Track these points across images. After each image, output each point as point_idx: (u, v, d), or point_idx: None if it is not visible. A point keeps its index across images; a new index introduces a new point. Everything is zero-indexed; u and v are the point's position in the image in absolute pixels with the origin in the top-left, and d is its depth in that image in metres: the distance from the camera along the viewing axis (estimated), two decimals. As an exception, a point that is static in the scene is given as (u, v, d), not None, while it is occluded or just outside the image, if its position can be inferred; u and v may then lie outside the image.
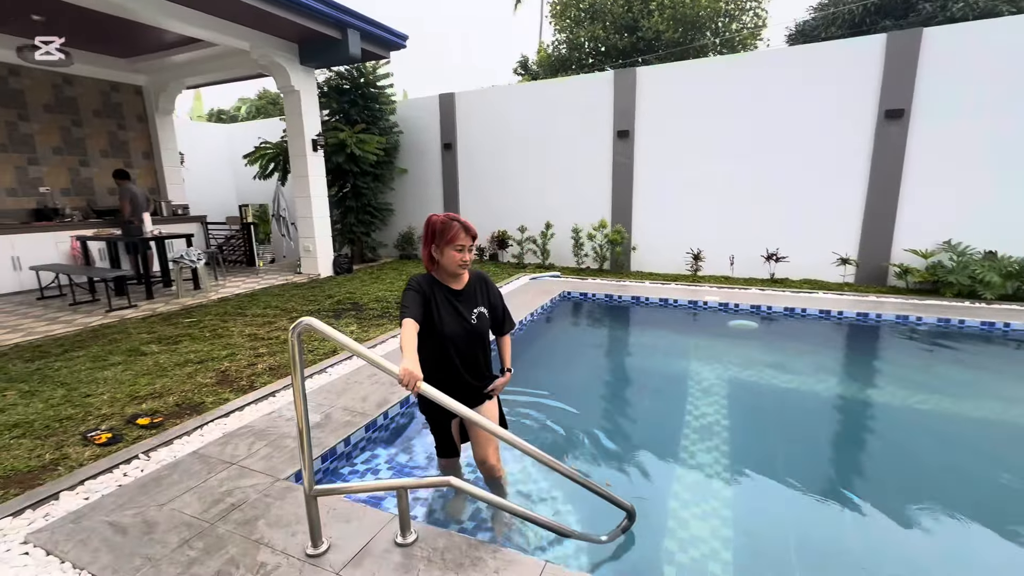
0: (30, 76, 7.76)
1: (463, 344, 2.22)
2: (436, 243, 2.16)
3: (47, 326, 5.36)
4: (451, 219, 2.15)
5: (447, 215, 2.18)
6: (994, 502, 2.62)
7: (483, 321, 2.26)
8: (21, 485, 2.48)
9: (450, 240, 2.12)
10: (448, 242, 2.12)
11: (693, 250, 7.92)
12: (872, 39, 6.69)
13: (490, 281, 2.37)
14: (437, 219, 2.18)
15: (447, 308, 2.19)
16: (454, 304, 2.20)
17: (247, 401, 3.38)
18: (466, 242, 2.14)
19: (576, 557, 2.14)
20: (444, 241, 2.13)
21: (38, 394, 3.60)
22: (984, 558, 2.27)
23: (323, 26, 6.99)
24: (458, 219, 2.16)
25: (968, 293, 6.18)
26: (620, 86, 8.18)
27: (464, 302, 2.22)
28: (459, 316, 2.20)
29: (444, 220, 2.16)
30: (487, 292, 2.32)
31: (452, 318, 2.18)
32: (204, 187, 11.47)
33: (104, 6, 5.60)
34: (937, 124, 6.47)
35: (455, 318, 2.19)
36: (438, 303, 2.18)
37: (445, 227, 2.14)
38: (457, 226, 2.13)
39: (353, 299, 6.64)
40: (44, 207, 7.89)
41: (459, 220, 2.16)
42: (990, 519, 2.44)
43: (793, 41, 14.28)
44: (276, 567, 1.87)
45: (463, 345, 2.22)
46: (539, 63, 16.61)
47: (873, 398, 3.98)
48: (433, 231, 2.17)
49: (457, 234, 2.12)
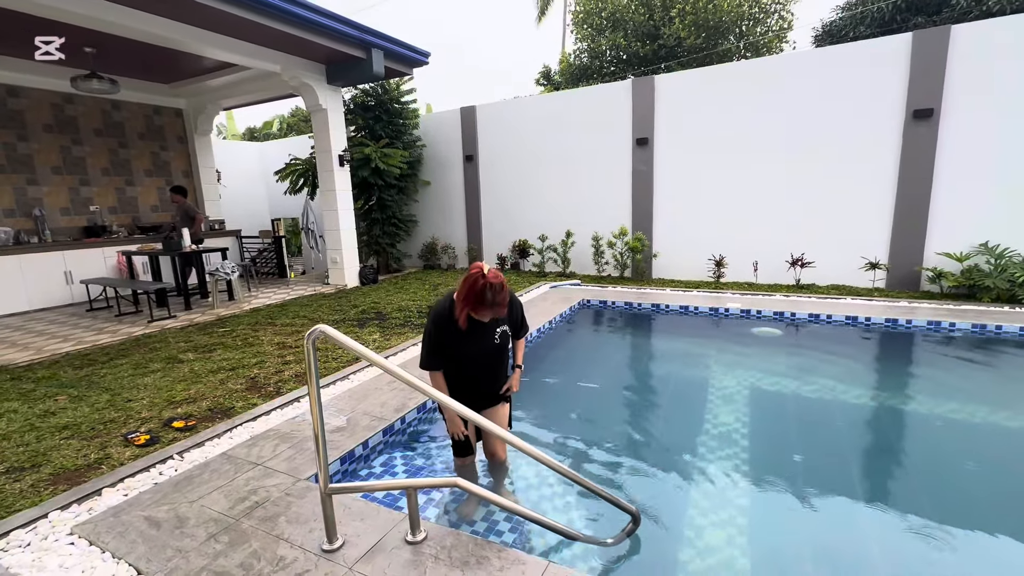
0: (83, 103, 8.35)
1: (486, 360, 2.43)
2: (466, 302, 2.21)
3: (95, 336, 5.73)
4: (484, 296, 2.15)
5: (488, 284, 2.15)
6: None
7: (505, 338, 2.45)
8: (69, 482, 2.69)
9: (475, 311, 2.23)
10: (472, 311, 2.23)
11: (715, 256, 7.83)
12: (898, 38, 6.54)
13: (515, 300, 2.48)
14: (476, 285, 2.16)
15: (471, 332, 2.33)
16: (479, 329, 2.34)
17: (273, 406, 3.56)
18: (483, 317, 2.25)
19: (580, 559, 2.19)
20: (469, 308, 2.22)
21: (85, 399, 3.87)
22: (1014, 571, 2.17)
23: (348, 47, 7.30)
24: (492, 300, 2.16)
25: (1008, 298, 5.92)
26: (639, 94, 8.21)
27: (489, 325, 2.37)
28: (484, 338, 2.38)
29: (479, 293, 2.16)
30: (512, 310, 2.45)
31: (476, 340, 2.36)
32: (239, 202, 12.00)
33: (152, 38, 6.04)
34: (969, 123, 6.25)
35: (480, 339, 2.37)
36: (461, 331, 2.31)
37: (478, 301, 2.17)
38: (483, 308, 2.19)
39: (377, 308, 6.84)
40: (94, 224, 8.44)
41: (491, 303, 2.17)
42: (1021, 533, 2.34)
43: (820, 42, 13.98)
44: (294, 560, 1.98)
45: (486, 361, 2.44)
46: (561, 72, 16.75)
47: (900, 407, 3.87)
48: (469, 293, 2.19)
49: (482, 312, 2.21)
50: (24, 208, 7.74)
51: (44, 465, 2.88)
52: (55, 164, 8.09)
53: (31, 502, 2.49)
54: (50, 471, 2.81)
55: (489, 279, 2.16)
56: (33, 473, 2.79)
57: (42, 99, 7.88)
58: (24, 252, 7.11)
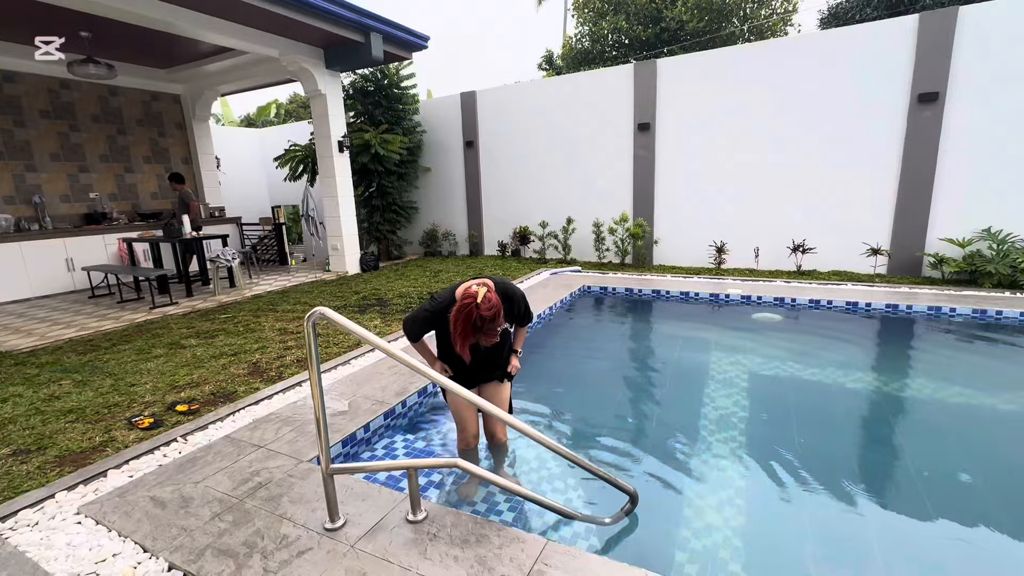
0: (79, 89, 8.28)
1: (487, 354, 2.42)
2: (458, 333, 2.12)
3: (97, 322, 5.76)
4: (475, 326, 2.08)
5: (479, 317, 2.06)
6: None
7: (506, 335, 2.42)
8: (75, 464, 2.73)
9: (466, 341, 2.13)
10: (465, 341, 2.13)
11: (716, 243, 7.81)
12: (904, 20, 6.44)
13: (515, 296, 2.36)
14: (470, 317, 2.06)
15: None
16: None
17: (275, 390, 3.58)
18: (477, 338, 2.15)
19: (580, 538, 2.22)
20: (462, 339, 2.13)
21: (89, 384, 3.90)
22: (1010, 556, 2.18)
23: (347, 31, 7.22)
24: (481, 327, 2.09)
25: (1009, 283, 5.91)
26: (640, 78, 8.12)
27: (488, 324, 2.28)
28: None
29: (471, 326, 2.07)
30: (512, 307, 2.34)
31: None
32: (239, 189, 11.97)
33: (148, 22, 5.96)
34: (975, 106, 6.19)
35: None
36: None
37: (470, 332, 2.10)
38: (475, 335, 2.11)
39: (378, 295, 6.85)
40: (94, 211, 8.43)
41: (481, 329, 2.10)
42: (1020, 517, 2.36)
43: (826, 25, 13.78)
44: (297, 539, 2.02)
45: (487, 354, 2.42)
46: (563, 57, 16.56)
47: (898, 392, 3.89)
48: (462, 326, 2.09)
49: (474, 339, 2.13)
50: (24, 195, 7.73)
51: (50, 447, 2.91)
52: (53, 151, 8.06)
53: (38, 483, 2.53)
54: (56, 453, 2.84)
55: (482, 311, 2.06)
56: (39, 455, 2.83)
57: (38, 84, 7.82)
58: (25, 239, 7.12)
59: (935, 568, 2.13)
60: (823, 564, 2.10)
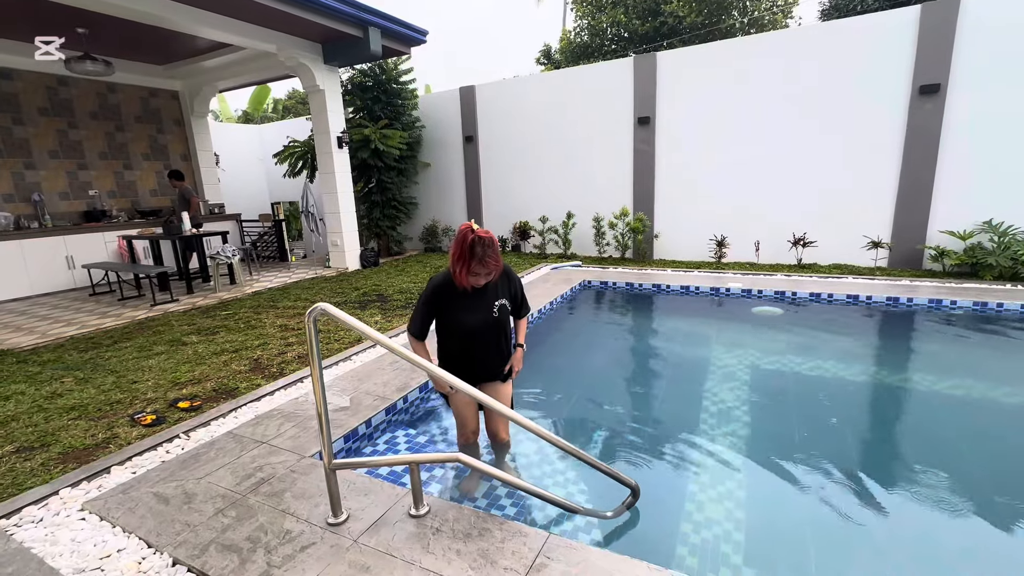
0: (77, 86, 8.25)
1: (486, 334, 2.40)
2: (458, 260, 2.19)
3: (99, 320, 5.77)
4: (475, 251, 2.14)
5: (476, 238, 2.15)
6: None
7: (504, 312, 2.42)
8: (78, 460, 2.73)
9: (469, 269, 2.18)
10: (466, 269, 2.19)
11: (717, 236, 7.80)
12: (905, 11, 6.40)
13: (512, 273, 2.47)
14: (465, 241, 2.15)
15: (469, 304, 2.33)
16: (475, 300, 2.33)
17: (277, 386, 3.59)
18: (478, 279, 2.21)
19: (582, 531, 2.23)
20: (463, 266, 2.18)
21: (91, 381, 3.91)
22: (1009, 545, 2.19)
23: (345, 25, 7.17)
24: (482, 255, 2.15)
25: (1010, 275, 5.90)
26: (640, 72, 8.08)
27: (487, 297, 2.35)
28: (481, 311, 2.36)
29: (469, 249, 2.14)
30: (509, 284, 2.44)
31: (474, 314, 2.35)
32: (239, 186, 11.95)
33: (145, 18, 5.92)
34: (976, 98, 6.16)
35: (477, 313, 2.35)
36: (457, 301, 2.32)
37: (470, 247, 2.15)
38: (475, 264, 2.16)
39: (379, 290, 6.85)
40: (93, 209, 8.42)
41: (481, 257, 2.15)
42: (1019, 509, 2.36)
43: (827, 16, 13.68)
44: (300, 533, 2.03)
45: (486, 335, 2.40)
46: (561, 51, 16.47)
47: (899, 384, 3.90)
48: (460, 251, 2.17)
49: (476, 268, 2.17)
50: (23, 193, 7.72)
51: (53, 444, 2.92)
52: (52, 148, 8.04)
53: (42, 480, 2.54)
54: (59, 450, 2.85)
55: (479, 234, 2.16)
56: (42, 452, 2.84)
57: (36, 82, 7.79)
58: (25, 237, 7.11)
59: (935, 558, 2.14)
60: (824, 556, 2.11)
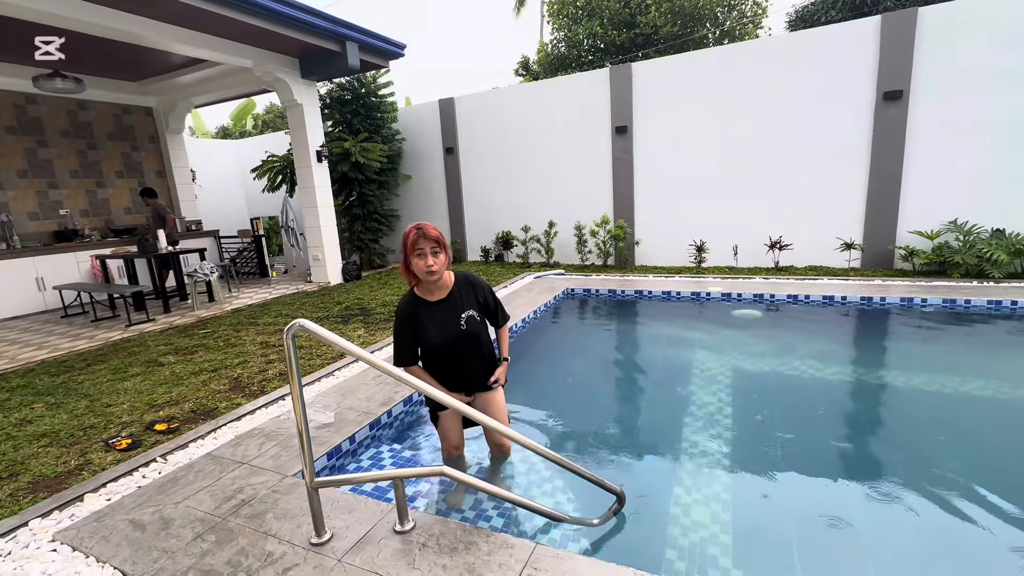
0: (46, 104, 8.08)
1: (459, 347, 2.36)
2: (405, 255, 2.21)
3: (71, 342, 5.60)
4: (413, 227, 2.18)
5: (412, 226, 2.19)
6: (1000, 482, 2.56)
7: (474, 323, 2.37)
8: (49, 489, 2.64)
9: (411, 248, 2.17)
10: (410, 250, 2.18)
11: (696, 242, 7.93)
12: (867, 21, 6.65)
13: (477, 281, 2.44)
14: (407, 235, 2.18)
15: (434, 321, 2.30)
16: (440, 315, 2.31)
17: (258, 405, 3.53)
18: (425, 246, 2.16)
19: (569, 540, 2.22)
20: (408, 250, 2.18)
21: (63, 406, 3.79)
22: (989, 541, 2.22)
23: (322, 40, 7.17)
24: (419, 225, 2.18)
25: (976, 273, 6.11)
26: (616, 82, 8.23)
27: (450, 310, 2.33)
28: (448, 325, 2.32)
29: (408, 236, 2.17)
30: (474, 293, 2.40)
31: (441, 329, 2.31)
32: (217, 202, 11.77)
33: (117, 34, 5.83)
34: (938, 103, 6.41)
35: (445, 328, 2.31)
36: (424, 320, 2.29)
37: (406, 236, 2.17)
38: (415, 233, 2.15)
39: (361, 304, 6.79)
40: (64, 228, 8.21)
41: (419, 226, 2.17)
42: (996, 500, 2.41)
43: (794, 27, 14.14)
44: (282, 555, 1.98)
45: (459, 348, 2.36)
46: (539, 62, 16.69)
47: (875, 381, 3.99)
48: (404, 244, 2.20)
49: (416, 240, 2.15)
50: (-10, 214, 7.50)
51: (22, 474, 2.82)
52: (20, 167, 7.84)
53: (10, 511, 2.45)
54: (29, 479, 2.75)
55: (420, 224, 2.18)
56: (11, 482, 2.74)
57: (3, 100, 7.61)
58: (-8, 259, 6.90)
59: (921, 556, 2.18)
60: (810, 556, 2.14)
